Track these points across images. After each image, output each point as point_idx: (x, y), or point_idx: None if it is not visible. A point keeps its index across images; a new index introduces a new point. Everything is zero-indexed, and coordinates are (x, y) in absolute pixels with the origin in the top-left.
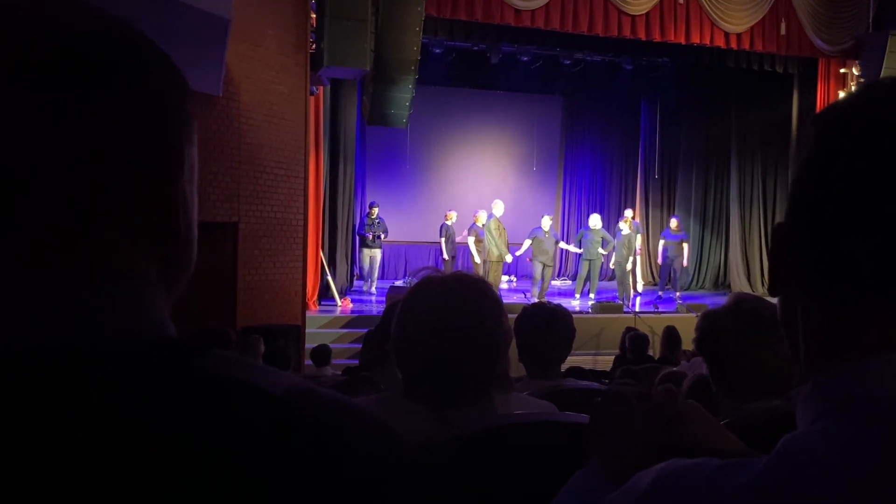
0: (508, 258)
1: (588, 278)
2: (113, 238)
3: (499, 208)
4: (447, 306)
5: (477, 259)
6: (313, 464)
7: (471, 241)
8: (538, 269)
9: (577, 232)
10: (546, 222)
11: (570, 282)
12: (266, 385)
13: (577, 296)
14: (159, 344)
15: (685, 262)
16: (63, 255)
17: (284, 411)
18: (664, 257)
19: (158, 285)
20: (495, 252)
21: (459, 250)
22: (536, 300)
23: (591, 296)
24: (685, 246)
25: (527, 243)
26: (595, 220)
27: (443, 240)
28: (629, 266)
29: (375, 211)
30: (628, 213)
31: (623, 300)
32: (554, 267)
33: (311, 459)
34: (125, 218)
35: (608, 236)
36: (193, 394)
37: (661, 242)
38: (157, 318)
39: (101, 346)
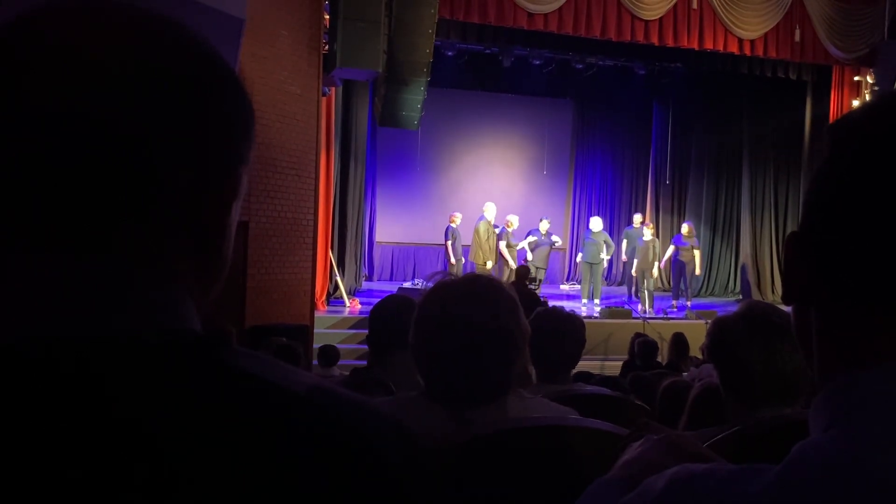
0: (489, 265)
1: (591, 282)
2: (159, 244)
3: (490, 211)
4: (464, 305)
5: (512, 264)
6: (331, 463)
7: (502, 245)
8: (531, 271)
9: (587, 236)
10: (543, 225)
11: (579, 286)
12: (287, 383)
13: (584, 300)
14: (183, 338)
15: (697, 271)
16: (107, 252)
17: (305, 410)
18: (673, 264)
19: (191, 290)
20: (481, 256)
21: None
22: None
23: (596, 300)
24: (697, 253)
25: (524, 244)
26: (596, 223)
27: (448, 243)
28: (655, 273)
29: None
30: (637, 217)
31: (647, 308)
32: (547, 269)
33: (330, 458)
34: (176, 230)
35: (610, 240)
36: (214, 388)
37: (671, 248)
38: (187, 318)
39: (126, 338)
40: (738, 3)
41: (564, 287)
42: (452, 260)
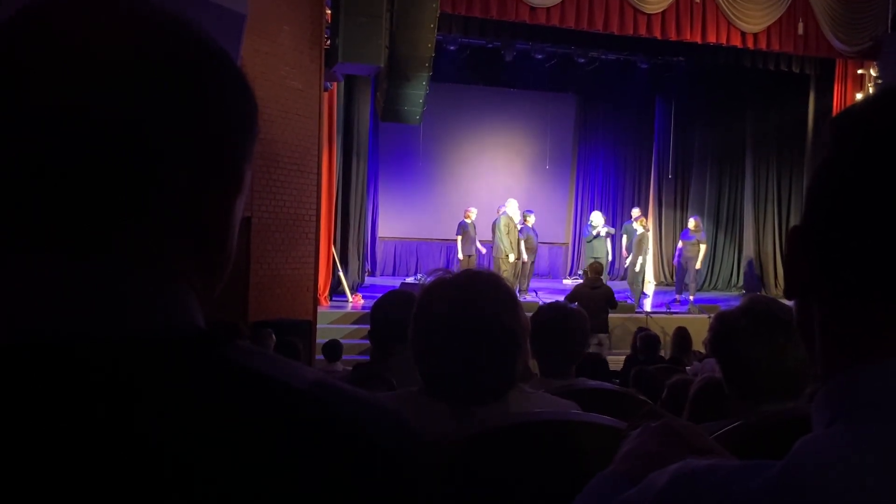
0: (511, 258)
1: None
2: (160, 242)
3: (512, 207)
4: (462, 302)
5: (525, 257)
6: (333, 459)
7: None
8: (527, 266)
9: (587, 230)
10: (531, 219)
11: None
12: (290, 378)
13: None
14: (186, 335)
15: (698, 265)
16: (107, 252)
17: (306, 406)
18: (678, 259)
19: (195, 287)
20: (502, 250)
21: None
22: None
23: None
24: (702, 247)
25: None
26: (597, 218)
27: (459, 238)
28: (647, 266)
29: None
30: (635, 211)
31: (638, 301)
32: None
33: (331, 454)
34: (177, 229)
35: (611, 230)
36: (214, 384)
37: (679, 244)
38: (188, 316)
39: (127, 337)
40: None
41: (567, 282)
42: (460, 256)
